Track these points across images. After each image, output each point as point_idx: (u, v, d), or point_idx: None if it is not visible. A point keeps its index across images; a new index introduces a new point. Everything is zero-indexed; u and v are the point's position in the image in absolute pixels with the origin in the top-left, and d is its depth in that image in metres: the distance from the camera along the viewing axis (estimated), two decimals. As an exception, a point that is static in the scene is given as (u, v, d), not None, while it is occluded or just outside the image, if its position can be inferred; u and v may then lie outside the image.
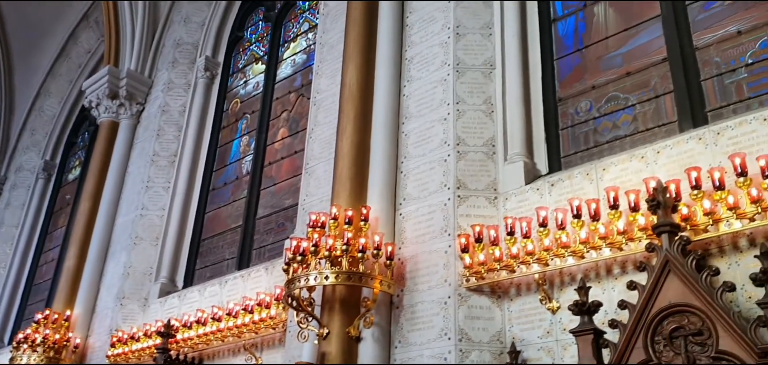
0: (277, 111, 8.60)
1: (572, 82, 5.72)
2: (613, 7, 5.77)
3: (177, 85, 9.77)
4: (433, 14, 6.51)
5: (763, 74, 4.67)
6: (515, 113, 5.59)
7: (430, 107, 6.02)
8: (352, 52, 6.63)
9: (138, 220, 8.91)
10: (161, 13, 10.56)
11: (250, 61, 9.62)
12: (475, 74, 5.99)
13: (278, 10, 9.50)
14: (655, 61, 5.23)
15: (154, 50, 10.42)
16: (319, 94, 7.30)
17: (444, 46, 6.23)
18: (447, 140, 5.68)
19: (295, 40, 9.05)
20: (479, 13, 6.30)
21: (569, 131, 5.54)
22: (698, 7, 5.19)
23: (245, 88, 9.42)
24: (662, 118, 5.03)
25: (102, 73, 10.23)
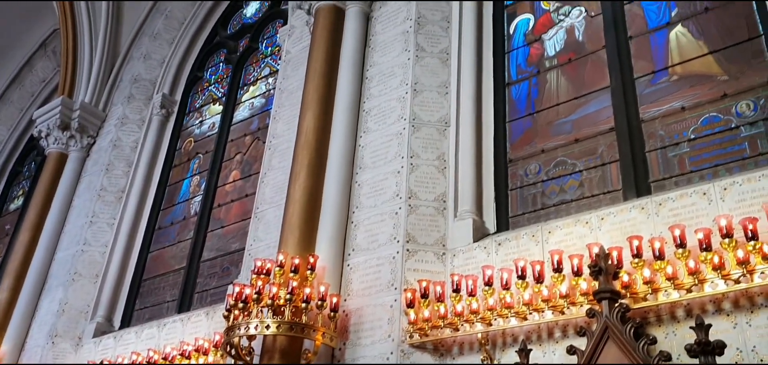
0: (230, 153, 8.50)
1: (523, 144, 5.82)
2: (565, 76, 5.94)
3: (131, 121, 9.59)
4: (393, 70, 6.60)
5: (705, 150, 4.83)
6: (467, 171, 5.64)
7: (385, 159, 6.02)
8: (311, 100, 6.63)
9: (79, 255, 8.56)
10: (121, 48, 10.43)
11: (208, 101, 9.53)
12: (430, 130, 6.04)
13: (240, 53, 9.50)
14: (602, 130, 5.37)
15: (111, 84, 10.23)
16: (275, 138, 7.25)
17: (402, 101, 6.28)
18: (399, 193, 5.66)
19: (254, 83, 9.03)
20: (437, 72, 6.41)
21: (518, 192, 5.60)
22: (645, 81, 5.39)
23: (200, 127, 9.30)
24: (607, 185, 5.13)
25: (55, 103, 9.97)
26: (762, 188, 4.13)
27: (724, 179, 4.36)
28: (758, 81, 4.81)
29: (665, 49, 5.42)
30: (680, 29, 5.44)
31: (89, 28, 10.36)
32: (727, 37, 5.12)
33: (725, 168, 4.64)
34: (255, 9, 9.86)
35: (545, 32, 6.32)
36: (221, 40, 9.99)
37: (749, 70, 4.89)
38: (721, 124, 4.83)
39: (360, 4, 7.22)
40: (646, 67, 5.44)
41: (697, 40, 5.30)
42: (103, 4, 10.40)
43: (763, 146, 4.58)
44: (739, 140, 4.70)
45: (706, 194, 4.31)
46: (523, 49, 6.38)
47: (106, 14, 10.38)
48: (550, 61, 6.12)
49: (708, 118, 4.91)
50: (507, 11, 6.75)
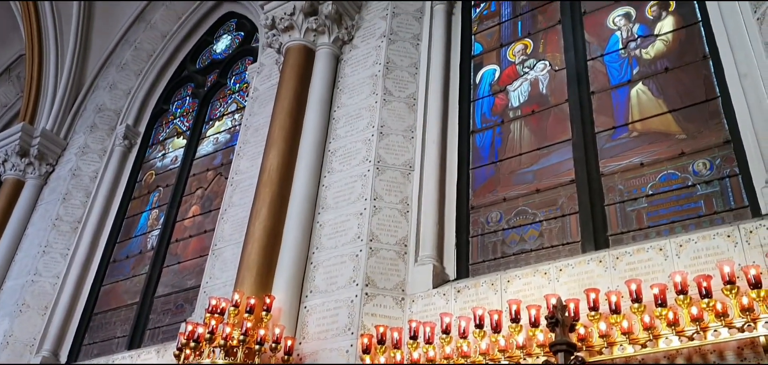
0: (192, 187, 8.34)
1: (485, 192, 5.82)
2: (528, 127, 6.00)
3: (92, 151, 9.38)
4: (360, 112, 6.59)
5: (662, 206, 4.89)
6: (429, 216, 5.60)
7: (348, 200, 5.96)
8: (276, 137, 6.57)
9: (28, 286, 8.23)
10: (87, 77, 10.27)
11: (172, 134, 9.39)
12: (395, 174, 6.02)
13: (208, 88, 9.43)
14: (563, 182, 5.41)
15: (74, 113, 10.04)
16: (237, 175, 7.14)
17: (367, 143, 6.26)
18: (361, 235, 5.59)
19: (220, 119, 8.94)
20: (404, 116, 6.43)
21: (479, 239, 5.57)
22: (606, 136, 5.47)
23: (163, 160, 9.13)
24: (567, 237, 5.14)
25: (15, 129, 9.70)
26: (716, 246, 4.17)
27: (680, 235, 4.40)
28: (714, 141, 4.91)
29: (626, 106, 5.53)
30: (641, 87, 5.57)
31: (56, 56, 10.19)
32: (685, 97, 5.25)
33: (681, 225, 4.70)
34: (225, 45, 9.84)
35: (510, 83, 6.41)
36: (189, 74, 9.91)
37: (706, 130, 5.00)
38: (679, 181, 4.90)
39: (331, 47, 7.25)
40: (607, 122, 5.53)
41: (656, 98, 5.42)
42: (73, 28, 10.26)
43: (718, 205, 4.66)
44: (695, 198, 4.77)
45: (662, 250, 4.34)
46: (488, 98, 6.46)
47: (74, 42, 10.23)
48: (514, 111, 6.19)
49: (666, 175, 4.99)
50: (474, 61, 6.85)
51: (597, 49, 6.04)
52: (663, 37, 5.72)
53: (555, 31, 6.45)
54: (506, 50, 6.69)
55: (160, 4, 10.27)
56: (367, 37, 7.28)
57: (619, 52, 5.89)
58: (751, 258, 3.99)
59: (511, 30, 6.85)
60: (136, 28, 10.39)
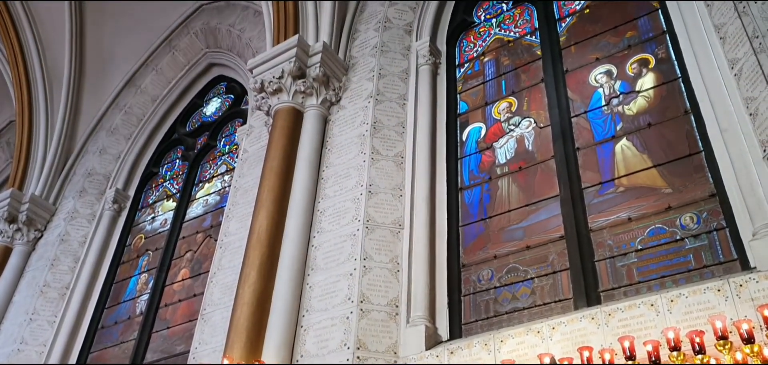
0: (181, 251, 8.28)
1: (476, 249, 5.81)
2: (516, 183, 6.04)
3: (81, 215, 9.33)
4: (349, 171, 6.62)
5: (651, 261, 4.89)
6: (420, 275, 5.57)
7: (338, 261, 5.92)
8: (265, 198, 6.56)
9: (14, 355, 8.05)
10: (77, 142, 10.31)
11: (162, 197, 9.38)
12: (384, 233, 6.00)
13: (198, 150, 9.47)
14: (553, 238, 5.42)
15: (64, 178, 10.03)
16: (227, 237, 7.10)
17: (356, 202, 6.27)
18: (351, 297, 5.53)
19: (210, 180, 8.95)
20: (392, 174, 6.46)
21: (471, 298, 5.53)
22: (594, 191, 5.51)
23: (152, 224, 9.09)
24: (559, 294, 5.12)
25: (3, 195, 9.64)
26: (707, 301, 4.16)
27: (671, 290, 4.39)
28: (700, 195, 4.96)
29: (611, 161, 5.59)
30: (625, 142, 5.65)
31: (46, 121, 10.24)
32: (669, 152, 5.32)
33: (672, 280, 4.70)
34: (215, 107, 9.94)
35: (496, 141, 6.48)
36: (179, 137, 9.98)
37: (691, 183, 5.06)
38: (667, 235, 4.92)
39: (319, 108, 7.33)
40: (593, 177, 5.58)
41: (641, 153, 5.49)
42: (63, 94, 10.34)
43: (707, 259, 4.67)
44: (684, 252, 4.79)
45: (653, 306, 4.32)
46: (475, 155, 6.52)
47: (65, 107, 10.31)
48: (501, 168, 6.25)
49: (654, 229, 5.01)
50: (460, 119, 6.94)
51: (580, 106, 6.14)
52: (644, 93, 5.84)
53: (538, 89, 6.57)
54: (491, 108, 6.79)
55: (150, 69, 10.41)
56: (354, 98, 7.37)
57: (603, 108, 6.00)
58: (743, 312, 3.99)
59: (495, 88, 6.97)
60: (127, 93, 10.50)
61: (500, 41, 7.36)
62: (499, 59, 7.20)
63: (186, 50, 10.43)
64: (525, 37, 7.17)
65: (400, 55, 7.64)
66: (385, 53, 7.62)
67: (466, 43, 7.67)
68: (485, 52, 7.37)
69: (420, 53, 7.46)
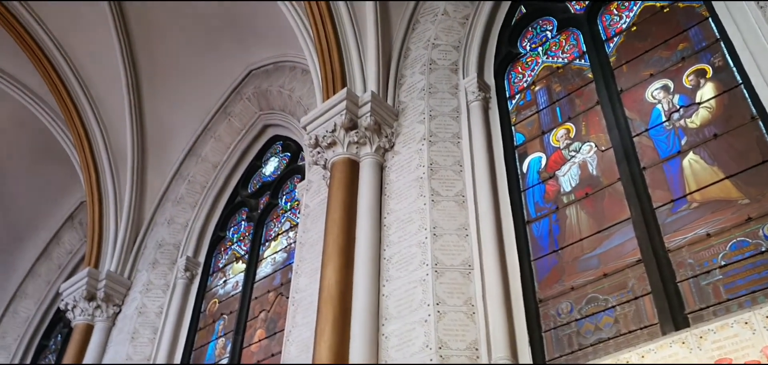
0: (255, 311, 8.46)
1: (551, 282, 5.73)
2: (585, 210, 5.96)
3: (156, 286, 9.68)
4: (411, 216, 6.65)
5: (738, 276, 4.72)
6: (497, 315, 5.52)
7: (410, 308, 5.93)
8: (331, 252, 6.64)
9: (103, 430, 8.35)
10: (145, 215, 10.74)
11: (231, 260, 9.65)
12: (454, 275, 5.99)
13: (261, 210, 9.74)
14: (629, 263, 5.30)
15: (136, 252, 10.45)
16: (297, 293, 7.22)
17: (422, 246, 6.28)
18: (429, 344, 5.53)
19: (276, 238, 9.17)
20: (455, 215, 6.46)
21: (552, 333, 5.44)
22: (666, 210, 5.38)
23: (224, 287, 9.35)
24: (643, 320, 4.99)
25: (81, 274, 10.10)
26: (806, 313, 3.99)
27: (765, 305, 4.22)
28: (780, 201, 4.79)
29: (680, 177, 5.47)
30: (692, 157, 5.52)
31: (114, 199, 10.73)
32: (740, 161, 5.16)
33: (764, 294, 4.52)
34: (273, 167, 10.24)
35: (558, 169, 6.43)
36: (242, 199, 10.30)
37: (769, 191, 4.89)
38: (751, 248, 4.75)
39: (374, 156, 7.43)
40: (664, 196, 5.46)
41: (710, 165, 5.35)
42: (128, 171, 10.84)
43: (797, 268, 4.49)
44: (771, 263, 4.62)
45: (748, 323, 4.17)
46: (538, 186, 6.47)
47: (131, 184, 10.78)
48: (567, 196, 6.18)
49: (736, 243, 4.85)
50: (517, 151, 6.92)
51: (640, 125, 6.05)
52: (706, 104, 5.72)
53: (595, 112, 6.52)
54: (549, 137, 6.76)
55: (209, 136, 10.83)
56: (408, 142, 7.44)
57: (664, 124, 5.89)
58: None
59: (550, 116, 6.94)
60: (188, 163, 10.92)
61: (549, 69, 7.35)
62: (551, 86, 7.19)
63: (241, 115, 10.83)
64: (574, 62, 7.14)
65: (449, 95, 7.70)
66: (433, 95, 7.70)
67: (514, 75, 7.69)
68: (535, 82, 7.37)
69: (469, 90, 7.51)
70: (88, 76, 11.07)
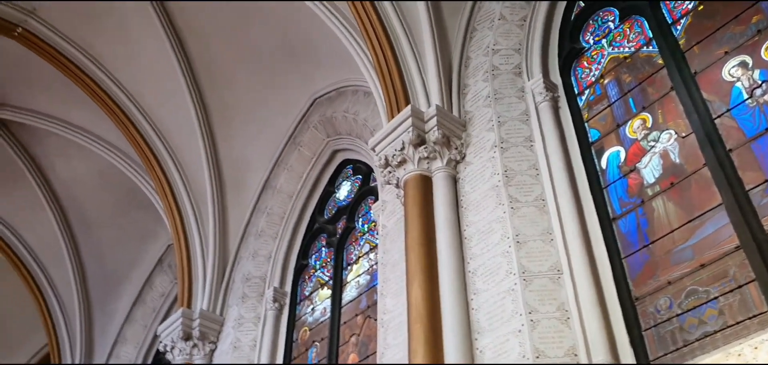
0: (345, 336, 8.65)
1: (645, 279, 5.61)
2: (672, 201, 5.82)
3: (247, 320, 10.04)
4: (491, 226, 6.63)
5: None
6: (592, 318, 5.45)
7: (502, 320, 5.93)
8: (414, 271, 6.71)
9: None
10: (230, 251, 11.17)
11: (316, 287, 9.91)
12: (543, 281, 5.95)
13: (339, 235, 9.96)
14: (728, 251, 5.13)
15: (225, 287, 10.87)
16: (385, 315, 7.33)
17: (506, 255, 6.27)
18: (525, 354, 5.52)
19: (357, 262, 9.35)
20: (536, 220, 6.41)
21: (653, 332, 5.31)
22: (760, 191, 5.19)
23: (313, 315, 9.61)
24: (751, 309, 4.81)
25: (176, 315, 10.58)
26: None
27: None
28: None
29: (773, 155, 5.28)
30: (783, 131, 5.32)
31: (200, 239, 11.21)
32: (838, 131, 4.95)
33: None
34: (347, 191, 10.47)
35: (639, 161, 6.30)
36: (320, 225, 10.58)
37: None
38: None
39: (446, 169, 7.45)
40: (755, 177, 5.26)
41: (805, 139, 5.15)
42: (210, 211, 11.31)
43: None
44: None
45: None
46: (620, 181, 6.36)
47: (213, 222, 11.24)
48: (651, 188, 6.04)
49: (843, 220, 4.64)
50: (594, 147, 6.82)
51: (721, 106, 5.86)
52: (792, 74, 5.50)
53: (670, 98, 6.35)
54: (625, 129, 6.64)
55: (282, 168, 11.18)
56: (479, 152, 7.43)
57: (746, 102, 5.69)
58: None
59: (623, 108, 6.81)
60: (265, 196, 11.31)
61: (616, 60, 7.22)
62: (620, 77, 7.06)
63: (309, 144, 11.15)
64: (641, 50, 6.99)
65: (516, 98, 7.67)
66: (499, 101, 7.68)
67: (580, 70, 7.59)
68: (603, 75, 7.25)
69: (535, 92, 7.45)
70: (163, 125, 11.67)
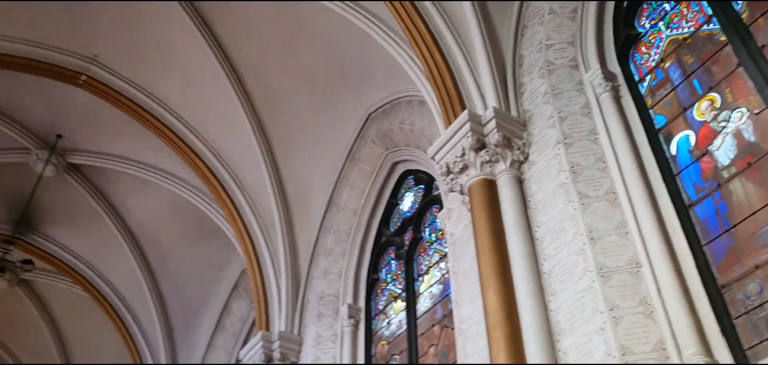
0: (424, 347, 8.71)
1: (730, 265, 5.45)
2: (751, 181, 5.64)
3: (325, 338, 10.26)
4: (563, 224, 6.58)
5: None
6: (678, 310, 5.33)
7: (583, 319, 5.88)
8: (488, 277, 6.71)
9: None
10: (302, 272, 11.44)
11: (390, 300, 10.03)
12: (622, 276, 5.87)
13: (407, 246, 10.05)
14: (817, 228, 4.97)
15: (300, 308, 11.14)
16: (462, 323, 7.36)
17: (581, 253, 6.21)
18: (610, 353, 5.46)
19: (428, 272, 9.41)
20: (609, 214, 6.33)
21: (745, 319, 5.16)
22: None
23: (389, 328, 9.74)
24: None
25: (256, 339, 10.87)
26: None
27: None
28: None
29: None
30: None
31: (271, 262, 11.51)
32: None
33: None
34: (410, 202, 10.56)
35: (710, 143, 6.13)
36: (387, 238, 10.71)
37: None
38: None
39: (510, 171, 7.43)
40: (840, 148, 5.07)
41: None
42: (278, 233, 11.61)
43: None
44: None
45: None
46: (692, 166, 6.20)
47: (283, 245, 11.52)
48: (727, 170, 5.87)
49: None
50: (661, 134, 6.67)
51: (795, 75, 5.65)
52: None
53: (737, 75, 6.15)
54: (692, 112, 6.47)
55: (344, 185, 11.39)
56: (542, 150, 7.37)
57: (822, 70, 5.47)
58: None
59: (688, 91, 6.64)
60: (330, 214, 11.54)
61: (676, 42, 7.04)
62: (681, 60, 6.88)
63: (369, 159, 11.32)
64: (701, 29, 6.79)
65: (575, 92, 7.58)
66: (557, 96, 7.61)
67: (638, 57, 7.44)
68: (663, 59, 7.08)
69: (594, 83, 7.35)
70: (227, 155, 12.12)
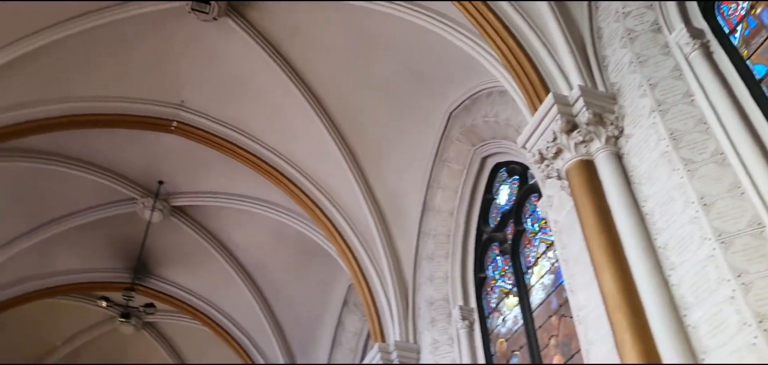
0: (544, 340, 8.68)
1: None
2: None
3: (441, 343, 10.40)
4: (670, 194, 6.39)
5: None
6: (816, 268, 5.11)
7: (709, 290, 5.70)
8: (600, 260, 6.61)
9: None
10: (408, 280, 11.63)
11: (501, 297, 10.04)
12: (745, 239, 5.65)
13: (510, 240, 10.02)
14: None
15: (412, 315, 11.33)
16: (580, 311, 7.29)
17: (695, 221, 6.02)
18: (746, 321, 5.26)
19: (536, 263, 9.35)
20: (719, 176, 6.09)
21: None
22: None
23: (505, 325, 9.75)
24: None
25: (373, 352, 11.08)
26: None
27: None
28: None
29: None
30: None
31: (376, 274, 11.79)
32: None
33: None
34: (507, 195, 10.51)
35: (822, 84, 5.78)
36: (489, 235, 10.70)
37: None
38: None
39: (606, 148, 7.27)
40: None
41: None
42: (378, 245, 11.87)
43: None
44: None
45: None
46: (806, 112, 5.88)
47: (385, 256, 11.76)
48: None
49: None
50: (764, 84, 6.33)
51: None
52: None
53: None
54: (796, 55, 6.12)
55: (436, 188, 11.47)
56: (637, 121, 7.17)
57: None
58: None
59: (787, 32, 6.28)
60: (427, 219, 11.65)
61: (765, -16, 6.67)
62: (775, 1, 6.51)
63: (457, 158, 11.35)
64: (793, -37, 6.40)
65: (662, 56, 7.32)
66: (644, 63, 7.38)
67: (725, 8, 7.08)
68: (753, 5, 6.71)
69: (681, 44, 7.05)
70: (318, 176, 12.56)
